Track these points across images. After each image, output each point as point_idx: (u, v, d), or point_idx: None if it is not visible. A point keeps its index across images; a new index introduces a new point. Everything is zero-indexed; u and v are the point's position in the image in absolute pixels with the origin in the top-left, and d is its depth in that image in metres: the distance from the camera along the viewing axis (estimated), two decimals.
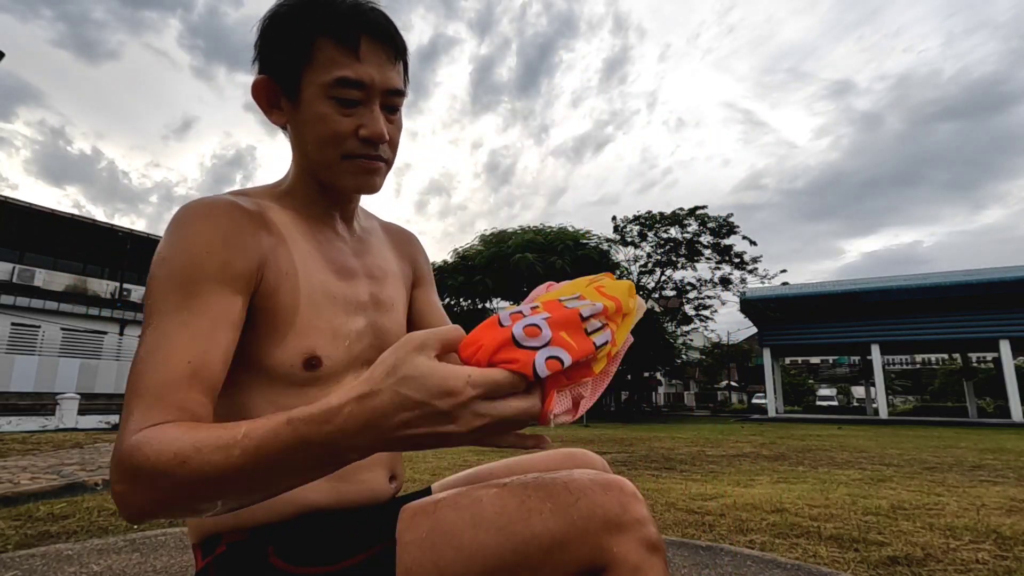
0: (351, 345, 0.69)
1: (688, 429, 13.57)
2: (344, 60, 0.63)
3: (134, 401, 0.51)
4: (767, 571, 1.96)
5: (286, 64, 0.65)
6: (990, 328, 21.67)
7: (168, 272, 0.57)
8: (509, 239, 21.03)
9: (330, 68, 0.63)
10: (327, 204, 0.74)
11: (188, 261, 0.57)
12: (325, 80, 0.63)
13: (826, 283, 25.88)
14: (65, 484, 3.42)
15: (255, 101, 0.69)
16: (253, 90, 0.68)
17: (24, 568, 1.90)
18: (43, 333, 19.42)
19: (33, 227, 20.45)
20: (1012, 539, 2.46)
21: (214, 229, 0.59)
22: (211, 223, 0.60)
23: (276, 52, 0.66)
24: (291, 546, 0.59)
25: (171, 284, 0.56)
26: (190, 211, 0.60)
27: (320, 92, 0.64)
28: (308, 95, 0.64)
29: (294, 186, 0.72)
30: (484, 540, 0.56)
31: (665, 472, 4.97)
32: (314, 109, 0.64)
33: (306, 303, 0.65)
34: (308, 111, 0.65)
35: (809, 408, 38.51)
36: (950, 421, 21.73)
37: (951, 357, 39.26)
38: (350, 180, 0.68)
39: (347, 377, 0.69)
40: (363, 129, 0.65)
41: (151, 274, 0.58)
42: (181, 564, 2.00)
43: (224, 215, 0.61)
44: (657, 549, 0.57)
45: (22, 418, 11.52)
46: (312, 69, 0.64)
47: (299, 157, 0.71)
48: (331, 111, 0.64)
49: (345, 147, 0.66)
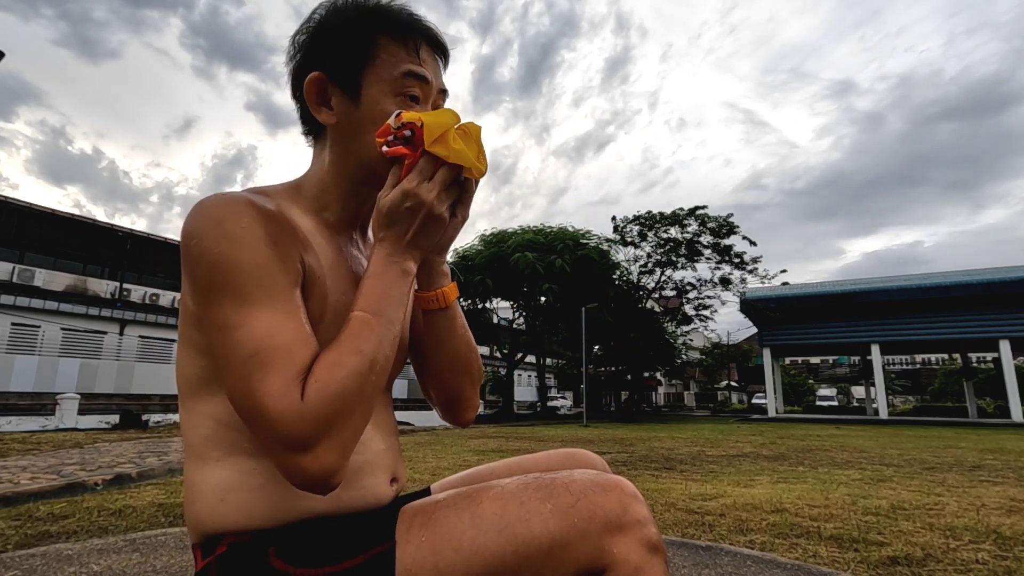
0: None
1: (688, 429, 13.57)
2: (409, 58, 0.67)
3: (264, 372, 0.53)
4: (767, 571, 1.96)
5: (347, 61, 0.66)
6: (990, 328, 21.67)
7: (237, 268, 0.55)
8: (509, 239, 21.02)
9: (396, 64, 0.66)
10: (356, 207, 0.72)
11: (253, 257, 0.56)
12: (393, 75, 0.66)
13: (826, 283, 25.91)
14: (65, 484, 3.41)
15: (306, 97, 0.67)
16: (307, 86, 0.67)
17: (24, 568, 1.90)
18: (43, 333, 19.43)
19: (33, 227, 20.46)
20: (1012, 539, 2.46)
21: (263, 227, 0.58)
22: (257, 221, 0.58)
23: (335, 49, 0.66)
24: (291, 547, 0.59)
25: (248, 280, 0.55)
26: (228, 207, 0.58)
27: (387, 88, 0.66)
28: (373, 92, 0.66)
29: (322, 189, 0.70)
30: (484, 541, 0.56)
31: (665, 472, 4.97)
32: (381, 107, 0.66)
33: (331, 314, 0.64)
34: (373, 107, 0.66)
35: (809, 408, 38.51)
36: (950, 421, 21.73)
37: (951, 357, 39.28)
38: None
39: None
40: None
41: (209, 269, 0.55)
42: (181, 564, 1.99)
43: (263, 215, 0.60)
44: (658, 550, 0.57)
45: (22, 418, 11.53)
46: (375, 67, 0.66)
47: (345, 157, 0.68)
48: (397, 107, 0.66)
49: None
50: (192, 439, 0.63)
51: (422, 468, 4.95)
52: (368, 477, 0.68)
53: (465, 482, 0.81)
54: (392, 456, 0.73)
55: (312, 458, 0.52)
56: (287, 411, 0.52)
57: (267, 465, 0.61)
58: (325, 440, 0.53)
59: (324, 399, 0.53)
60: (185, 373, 0.64)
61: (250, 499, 0.60)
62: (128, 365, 20.67)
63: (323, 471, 0.53)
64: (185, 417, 0.64)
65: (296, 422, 0.52)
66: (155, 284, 23.63)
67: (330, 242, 0.69)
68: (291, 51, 0.70)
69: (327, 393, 0.53)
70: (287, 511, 0.61)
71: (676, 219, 23.22)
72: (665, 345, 25.05)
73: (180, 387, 0.65)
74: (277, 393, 0.52)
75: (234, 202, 0.59)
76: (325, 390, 0.54)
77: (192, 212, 0.58)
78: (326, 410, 0.53)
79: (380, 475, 0.70)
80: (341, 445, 0.55)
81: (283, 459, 0.53)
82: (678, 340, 27.76)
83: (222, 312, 0.55)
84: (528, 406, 33.81)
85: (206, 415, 0.62)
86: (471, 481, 0.81)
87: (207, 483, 0.61)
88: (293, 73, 0.70)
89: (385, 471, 0.71)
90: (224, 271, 0.55)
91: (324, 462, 0.53)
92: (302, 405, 0.52)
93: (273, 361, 0.53)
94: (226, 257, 0.55)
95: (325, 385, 0.54)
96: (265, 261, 0.57)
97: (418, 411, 21.36)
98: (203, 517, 0.61)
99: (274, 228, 0.59)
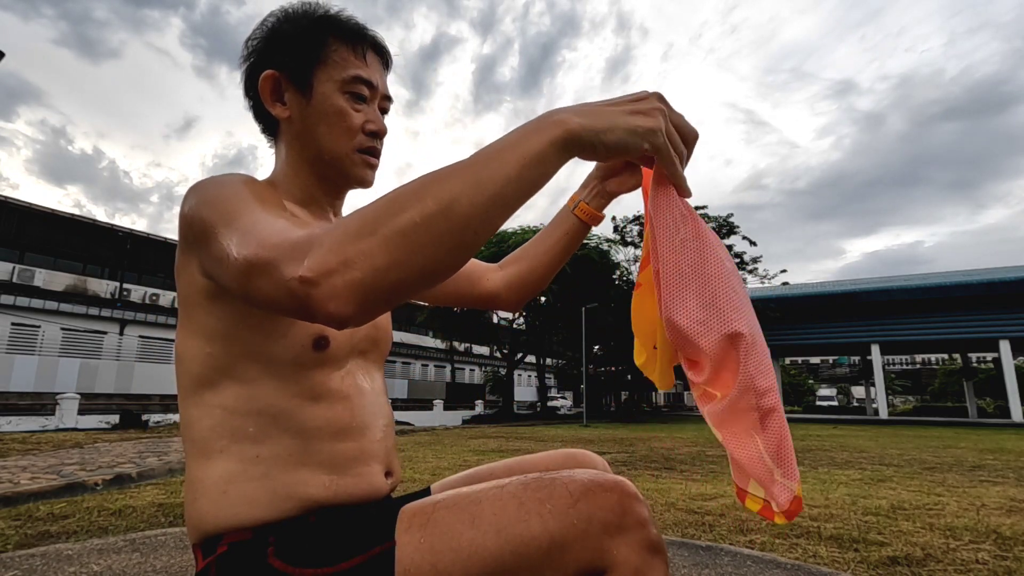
0: (352, 331, 0.72)
1: (688, 429, 13.57)
2: (357, 62, 0.72)
3: (270, 251, 0.45)
4: (767, 571, 1.96)
5: (300, 61, 0.70)
6: (990, 328, 21.67)
7: (228, 196, 0.56)
8: (509, 239, 21.00)
9: (345, 67, 0.71)
10: (320, 198, 0.76)
11: (242, 189, 0.58)
12: (342, 77, 0.70)
13: (826, 283, 25.93)
14: (65, 484, 3.42)
15: (260, 93, 0.72)
16: (262, 82, 0.71)
17: (24, 568, 1.90)
18: (43, 333, 19.43)
19: (33, 227, 20.47)
20: (1012, 539, 2.47)
21: (253, 189, 0.60)
22: (247, 185, 0.61)
23: (289, 50, 0.71)
24: (291, 547, 0.60)
25: (237, 199, 0.56)
26: (224, 176, 0.63)
27: (336, 88, 0.70)
28: (324, 90, 0.70)
29: (288, 180, 0.74)
30: (483, 541, 0.56)
31: (665, 472, 4.97)
32: (331, 102, 0.70)
33: None
34: (324, 104, 0.70)
35: (809, 408, 38.52)
36: (950, 421, 21.76)
37: (951, 357, 39.28)
38: (357, 172, 0.74)
39: (349, 362, 0.72)
40: (370, 124, 0.72)
41: (205, 211, 0.55)
42: (181, 564, 2.00)
43: (254, 183, 0.64)
44: (658, 551, 0.57)
45: (22, 418, 11.53)
46: (326, 67, 0.70)
47: (300, 149, 0.73)
48: (346, 105, 0.71)
49: (356, 140, 0.72)
50: (197, 432, 0.64)
51: (422, 468, 4.95)
52: (363, 466, 0.69)
53: (465, 482, 0.82)
54: (387, 448, 0.74)
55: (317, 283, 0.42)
56: (287, 235, 0.46)
57: (269, 452, 0.63)
58: (342, 271, 0.42)
59: (352, 223, 0.44)
60: (191, 366, 0.65)
61: (252, 489, 0.61)
62: (128, 365, 20.67)
63: (330, 297, 0.42)
64: (190, 411, 0.65)
65: (301, 241, 0.44)
66: (155, 284, 23.64)
67: (313, 223, 0.72)
68: (244, 53, 0.74)
69: (359, 217, 0.44)
70: (286, 500, 0.62)
71: None
72: None
73: (184, 382, 0.65)
74: (276, 235, 0.47)
75: (225, 175, 0.63)
76: (357, 216, 0.44)
77: (188, 190, 0.61)
78: (352, 232, 0.43)
79: (375, 465, 0.71)
80: (362, 284, 0.42)
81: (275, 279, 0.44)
82: None
83: (218, 242, 0.52)
84: (528, 406, 33.83)
85: (213, 405, 0.63)
86: (471, 481, 0.81)
87: (210, 476, 0.62)
88: (247, 73, 0.74)
89: (380, 463, 0.72)
90: (216, 207, 0.55)
91: (333, 292, 0.42)
92: (315, 231, 0.45)
93: (274, 242, 0.47)
94: (218, 197, 0.57)
95: (360, 213, 0.44)
96: (257, 199, 0.57)
97: (418, 411, 21.38)
98: (205, 512, 0.62)
99: (266, 194, 0.61)
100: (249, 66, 0.73)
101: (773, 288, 25.07)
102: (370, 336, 0.76)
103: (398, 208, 0.44)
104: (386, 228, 0.43)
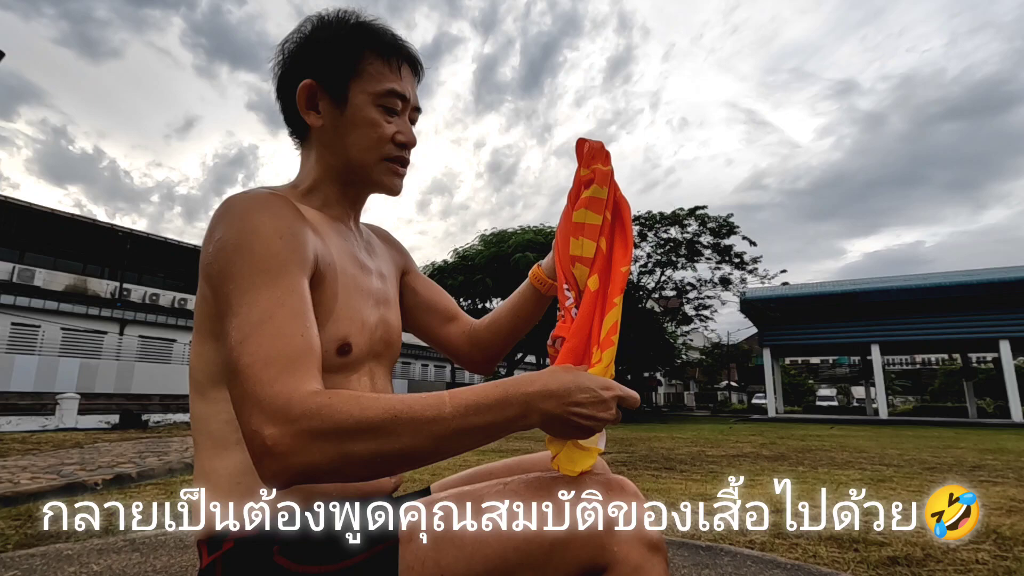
0: (371, 335, 0.75)
1: (688, 429, 13.57)
2: (391, 76, 0.74)
3: (267, 369, 0.52)
4: (767, 571, 1.96)
5: (336, 73, 0.72)
6: (990, 328, 21.65)
7: (248, 256, 0.58)
8: (509, 239, 21.00)
9: (381, 80, 0.74)
10: (347, 205, 0.79)
11: (266, 246, 0.59)
12: (376, 90, 0.73)
13: (826, 283, 25.88)
14: (65, 484, 3.42)
15: (296, 101, 0.73)
16: (299, 92, 0.73)
17: (24, 568, 1.90)
18: (43, 333, 19.42)
19: (33, 227, 20.45)
20: (1012, 539, 2.46)
21: (280, 219, 0.63)
22: (275, 213, 0.63)
23: (326, 60, 0.72)
24: (295, 544, 0.60)
25: (255, 267, 0.58)
26: (249, 201, 0.63)
27: (370, 100, 0.73)
28: (358, 102, 0.73)
29: (317, 187, 0.76)
30: (485, 539, 0.57)
31: (665, 472, 4.97)
32: (364, 114, 0.73)
33: (343, 293, 0.71)
34: (357, 115, 0.73)
35: (809, 408, 38.49)
36: (950, 421, 21.71)
37: (951, 357, 39.26)
38: (385, 180, 0.77)
39: (366, 365, 0.75)
40: (400, 135, 0.75)
41: (226, 259, 0.59)
42: (181, 564, 2.00)
43: (283, 207, 0.65)
44: (658, 549, 0.58)
45: (22, 418, 11.52)
46: (361, 80, 0.73)
47: (329, 157, 0.75)
48: (379, 117, 0.74)
49: (385, 150, 0.75)
50: (213, 426, 0.65)
51: (422, 468, 4.95)
52: None
53: (465, 481, 0.82)
54: None
55: (285, 456, 0.50)
56: (315, 408, 0.52)
57: None
58: (319, 450, 0.51)
59: (360, 422, 0.51)
60: (207, 365, 0.66)
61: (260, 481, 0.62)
62: (128, 365, 20.65)
63: (290, 474, 0.51)
64: (205, 408, 0.66)
65: (313, 418, 0.51)
66: (155, 284, 23.63)
67: (336, 232, 0.75)
68: (279, 57, 0.76)
69: (337, 418, 0.51)
70: (293, 492, 0.63)
71: (676, 219, 23.18)
72: (665, 345, 25.01)
73: (200, 380, 0.67)
74: (288, 391, 0.52)
75: (259, 197, 0.64)
76: (339, 413, 0.51)
77: (221, 208, 0.63)
78: (348, 430, 0.51)
79: None
80: (300, 475, 0.51)
81: (249, 415, 0.51)
82: (678, 340, 27.75)
83: (229, 307, 0.57)
84: None
85: (229, 400, 0.64)
86: (471, 481, 0.82)
87: (226, 467, 0.64)
88: (281, 77, 0.76)
89: None
90: (229, 261, 0.59)
91: (298, 465, 0.50)
92: (333, 410, 0.51)
93: (273, 359, 0.54)
94: (247, 250, 0.59)
95: (344, 412, 0.51)
96: (277, 250, 0.60)
97: None
98: (216, 503, 0.63)
99: (294, 221, 0.64)
100: (284, 71, 0.75)
101: (773, 288, 25.04)
102: (385, 339, 0.79)
103: (370, 436, 0.51)
104: (348, 447, 0.51)
